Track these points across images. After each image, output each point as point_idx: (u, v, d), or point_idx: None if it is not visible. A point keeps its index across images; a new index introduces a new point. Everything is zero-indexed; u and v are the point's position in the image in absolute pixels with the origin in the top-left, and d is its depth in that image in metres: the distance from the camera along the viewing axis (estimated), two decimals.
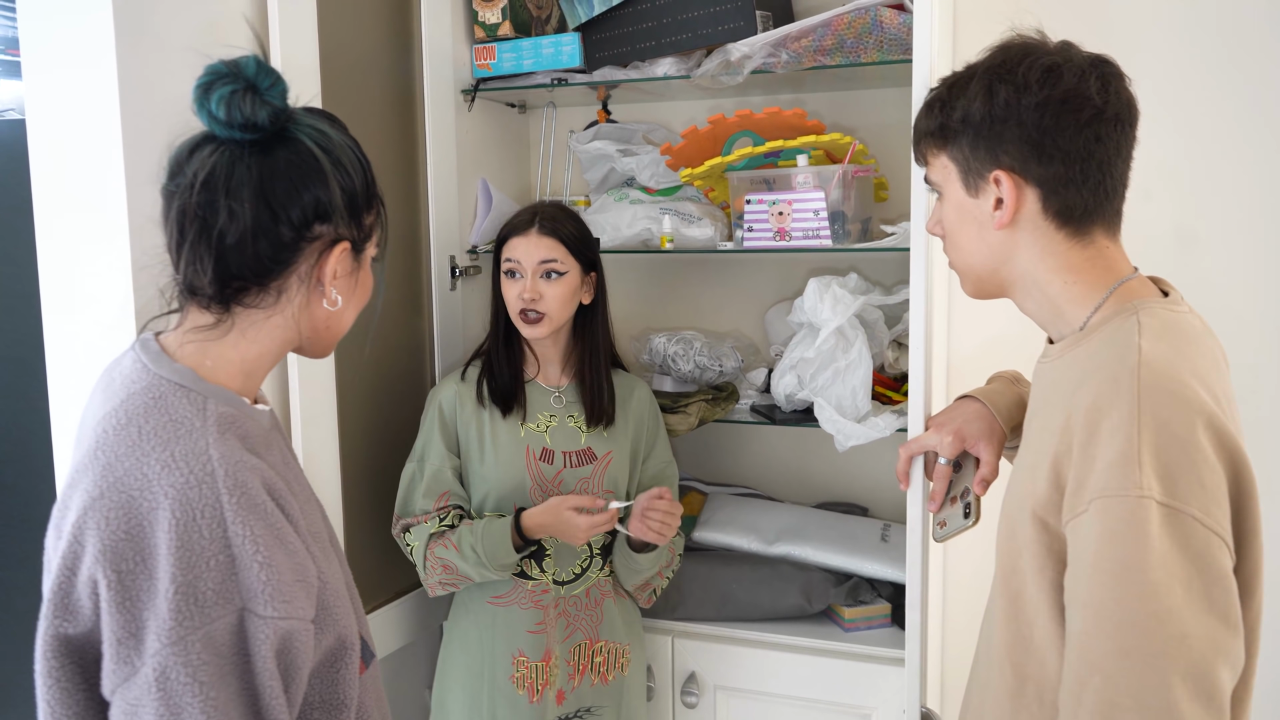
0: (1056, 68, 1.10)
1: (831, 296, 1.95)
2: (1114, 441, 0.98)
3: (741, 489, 2.42)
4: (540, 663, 1.84)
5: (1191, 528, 0.95)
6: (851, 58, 1.91)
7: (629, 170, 2.31)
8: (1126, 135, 1.13)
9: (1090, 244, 1.14)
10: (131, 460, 0.93)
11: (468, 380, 1.91)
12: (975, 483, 1.38)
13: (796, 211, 1.95)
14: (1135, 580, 0.94)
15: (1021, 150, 1.12)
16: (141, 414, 0.96)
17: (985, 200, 1.16)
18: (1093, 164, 1.11)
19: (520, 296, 1.83)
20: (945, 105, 1.17)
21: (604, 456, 1.89)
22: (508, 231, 1.87)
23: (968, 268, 1.23)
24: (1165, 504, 0.95)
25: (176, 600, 0.89)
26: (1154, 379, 1.00)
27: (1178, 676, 0.93)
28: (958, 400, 1.47)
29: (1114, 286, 1.12)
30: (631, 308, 2.44)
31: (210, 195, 0.99)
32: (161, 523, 0.91)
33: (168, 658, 0.88)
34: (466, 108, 2.21)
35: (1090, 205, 1.12)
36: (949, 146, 1.18)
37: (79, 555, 0.92)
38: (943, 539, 1.42)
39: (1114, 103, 1.11)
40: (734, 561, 2.13)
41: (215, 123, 0.99)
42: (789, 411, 2.10)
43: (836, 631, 2.06)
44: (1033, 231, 1.14)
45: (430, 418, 1.89)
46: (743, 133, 2.10)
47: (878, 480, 2.32)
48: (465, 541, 1.78)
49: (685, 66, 2.07)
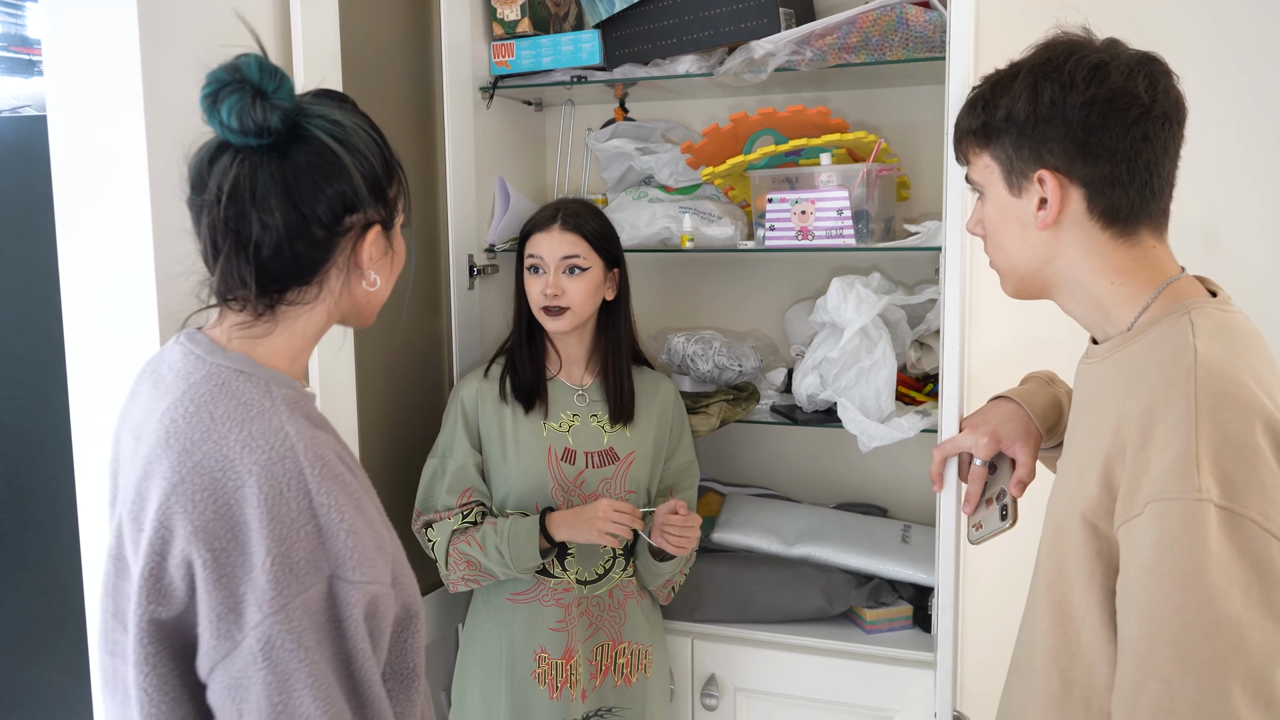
0: (1103, 65, 1.08)
1: (856, 296, 1.94)
2: (1171, 444, 0.96)
3: (759, 489, 2.40)
4: (561, 660, 1.82)
5: (1251, 531, 0.93)
6: (876, 55, 1.89)
7: (647, 169, 2.29)
8: (1174, 134, 1.11)
9: (1137, 244, 1.12)
10: (209, 443, 0.96)
11: (490, 378, 1.90)
12: (1012, 484, 1.36)
13: (820, 210, 1.94)
14: (1193, 585, 0.93)
15: (1067, 149, 1.10)
16: (210, 400, 0.99)
17: (1029, 200, 1.14)
18: (1140, 163, 1.09)
19: (543, 292, 1.82)
20: (988, 104, 1.15)
21: (626, 457, 1.88)
22: (531, 227, 1.86)
23: (1010, 268, 1.21)
24: (1224, 507, 0.93)
25: (274, 570, 0.92)
26: (1211, 380, 0.98)
27: (1236, 682, 0.91)
28: (992, 401, 1.45)
29: (1162, 287, 1.11)
30: (650, 307, 2.42)
31: (239, 208, 1.00)
32: (250, 499, 0.94)
33: (271, 626, 0.91)
34: (485, 105, 2.19)
35: (1137, 205, 1.10)
36: (991, 145, 1.16)
37: (168, 540, 0.94)
38: (979, 541, 1.40)
39: (1162, 101, 1.09)
40: (754, 563, 2.12)
41: (228, 132, 1.00)
42: (810, 412, 2.08)
43: (858, 633, 2.04)
44: (1077, 232, 1.12)
45: (453, 414, 1.88)
46: (764, 131, 2.09)
47: (897, 481, 2.31)
48: (490, 540, 1.76)
49: (707, 64, 2.05)
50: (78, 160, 1.46)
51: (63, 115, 1.46)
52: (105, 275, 1.46)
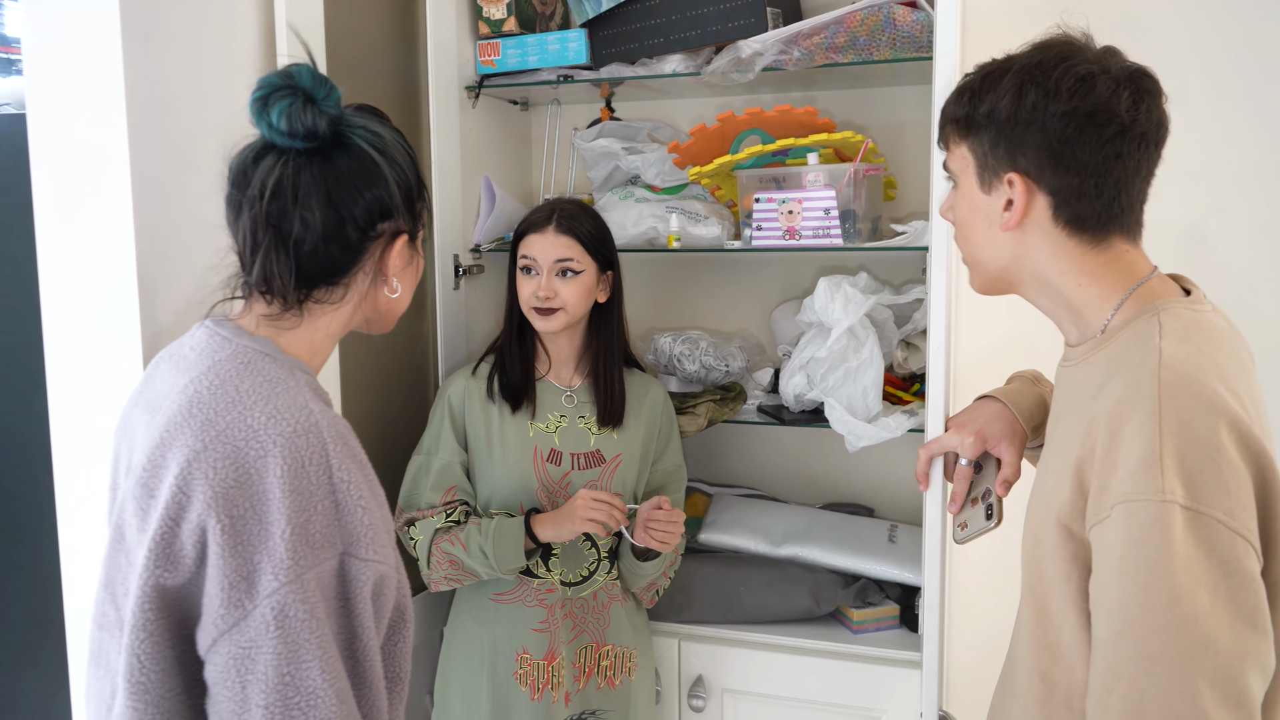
0: (1090, 78, 1.08)
1: (843, 296, 1.93)
2: (1136, 445, 0.97)
3: (746, 490, 2.40)
4: (543, 661, 1.82)
5: (1216, 531, 0.93)
6: (864, 55, 1.89)
7: (634, 168, 2.28)
8: (1149, 155, 1.11)
9: (1107, 249, 1.12)
10: (234, 414, 0.98)
11: (478, 376, 1.89)
12: (997, 484, 1.36)
13: (807, 210, 1.93)
14: (1160, 585, 0.93)
15: (1040, 156, 1.10)
16: (235, 375, 1.01)
17: (997, 199, 1.15)
18: (1109, 180, 1.09)
19: (535, 294, 1.81)
20: (975, 95, 1.15)
21: (613, 459, 1.87)
22: (525, 227, 1.85)
23: (976, 262, 1.22)
24: (1189, 507, 0.93)
25: (293, 540, 0.93)
26: (1175, 381, 0.99)
27: (1205, 682, 0.91)
28: (978, 400, 1.45)
29: (1133, 288, 1.11)
30: (636, 307, 2.40)
31: (281, 205, 1.05)
32: (273, 469, 0.95)
33: (286, 595, 0.92)
34: (470, 105, 2.18)
35: (1104, 217, 1.11)
36: (970, 138, 1.16)
37: (184, 505, 0.95)
38: (964, 540, 1.40)
39: (1142, 121, 1.08)
40: (741, 563, 2.11)
41: (276, 134, 1.04)
42: (797, 412, 2.08)
43: (845, 633, 2.04)
44: (1042, 236, 1.13)
45: (439, 411, 1.87)
46: (751, 130, 2.08)
47: (883, 481, 2.31)
48: (473, 540, 1.76)
49: (694, 64, 2.04)
50: (58, 160, 1.44)
51: (43, 114, 1.44)
52: (86, 276, 1.44)
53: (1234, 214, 2.04)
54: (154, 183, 1.42)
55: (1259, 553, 0.95)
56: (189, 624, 0.96)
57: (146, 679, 0.95)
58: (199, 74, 1.52)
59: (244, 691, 0.92)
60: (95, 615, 1.06)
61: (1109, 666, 0.96)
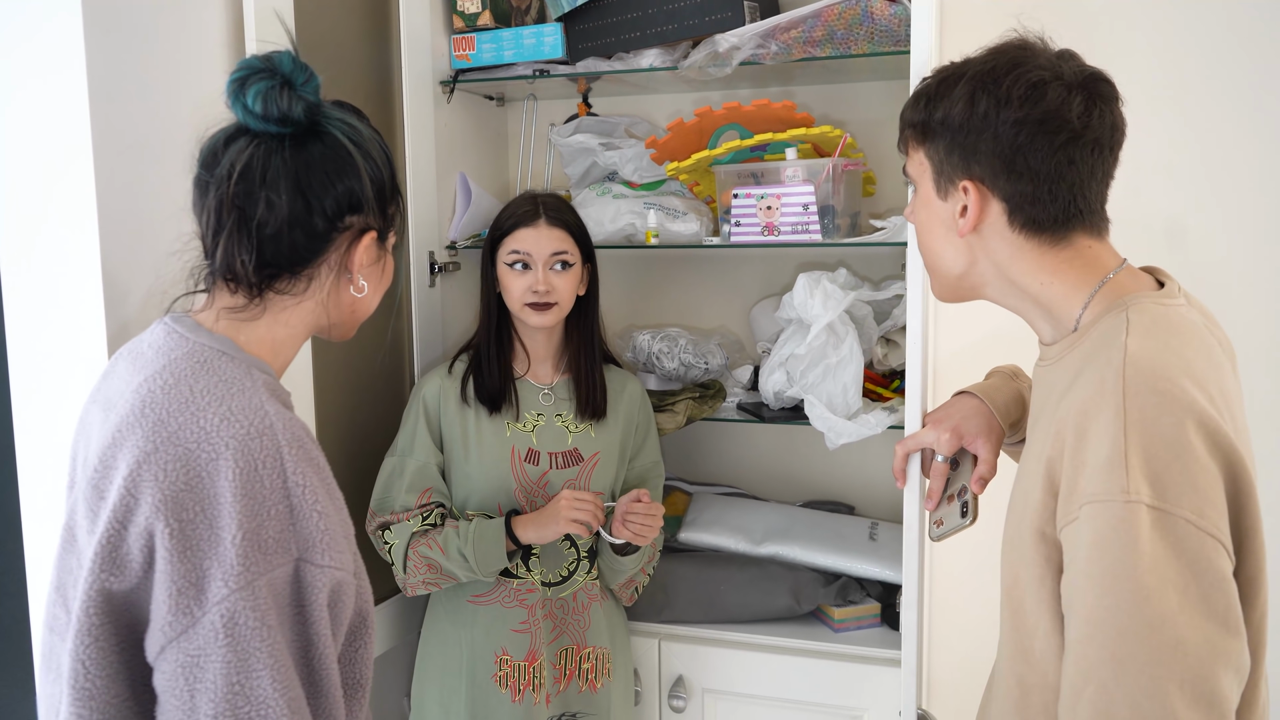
0: (1042, 85, 1.07)
1: (822, 292, 1.92)
2: (1101, 445, 0.96)
3: (726, 488, 2.38)
4: (524, 663, 1.79)
5: (1185, 531, 0.92)
6: (842, 49, 1.88)
7: (611, 164, 2.26)
8: (1104, 159, 1.10)
9: (1067, 245, 1.11)
10: (186, 415, 0.95)
11: (454, 375, 1.86)
12: (973, 481, 1.35)
13: (785, 205, 1.92)
14: (1127, 587, 0.91)
15: (992, 164, 1.10)
16: (190, 374, 0.98)
17: (952, 205, 1.15)
18: (1062, 185, 1.08)
19: (531, 289, 1.78)
20: (930, 101, 1.15)
21: (591, 458, 1.85)
22: (512, 222, 1.82)
23: (934, 268, 1.22)
24: (1155, 507, 0.92)
25: (244, 546, 0.90)
26: (1139, 378, 0.97)
27: (1174, 685, 0.90)
28: (955, 396, 1.44)
29: (1100, 283, 1.10)
30: (614, 305, 2.40)
31: (248, 186, 1.02)
32: (224, 472, 0.93)
33: (236, 602, 0.89)
34: (445, 100, 2.15)
35: (1060, 219, 1.10)
36: (927, 144, 1.17)
37: (132, 509, 0.92)
38: (939, 538, 1.39)
39: (1095, 127, 1.08)
40: (721, 562, 2.10)
41: (250, 116, 1.02)
42: (777, 409, 2.06)
43: (826, 632, 2.03)
44: (999, 240, 1.13)
45: (414, 411, 1.84)
46: (729, 126, 2.06)
47: (864, 478, 2.30)
48: (452, 544, 1.73)
49: (671, 58, 2.02)
50: (20, 151, 1.41)
51: (4, 104, 1.40)
52: (49, 271, 1.41)
53: (1212, 211, 2.04)
54: (118, 174, 1.39)
55: (1230, 551, 0.94)
56: (137, 629, 0.94)
57: (92, 685, 0.93)
58: (165, 64, 1.49)
59: (192, 700, 0.89)
60: (46, 618, 1.03)
61: (1078, 669, 0.95)
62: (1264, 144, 2.00)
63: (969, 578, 2.08)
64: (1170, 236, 2.06)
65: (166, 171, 1.50)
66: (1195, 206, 2.04)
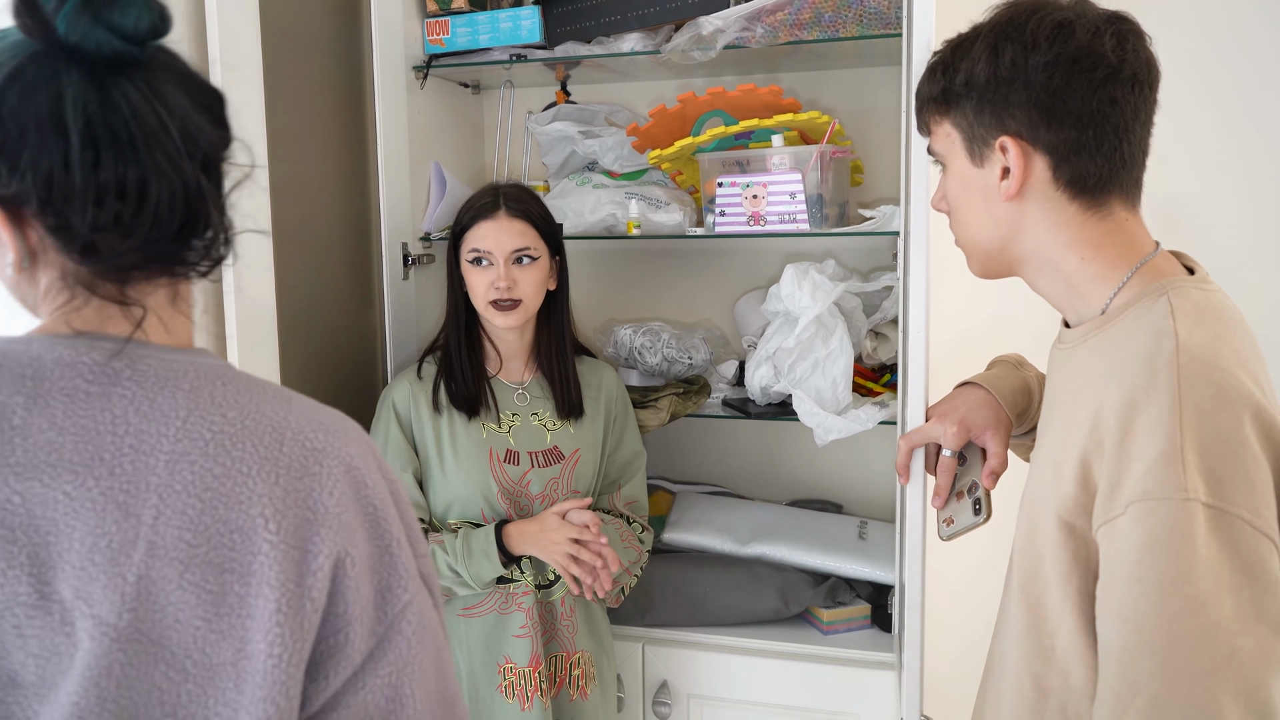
0: (1068, 24, 1.01)
1: (811, 283, 1.86)
2: (1154, 439, 0.89)
3: (710, 487, 2.32)
4: (529, 669, 1.71)
5: (1240, 531, 0.86)
6: (830, 32, 1.82)
7: (591, 153, 2.20)
8: (1145, 98, 1.04)
9: (1108, 216, 1.05)
10: None
11: (424, 379, 1.78)
12: (984, 476, 1.29)
13: (772, 194, 1.86)
14: (1181, 592, 0.86)
15: (1029, 114, 1.03)
16: None
17: (991, 170, 1.07)
18: (1107, 128, 1.02)
19: (493, 285, 1.70)
20: (948, 68, 1.09)
21: (572, 455, 1.78)
22: (472, 216, 1.74)
23: (974, 244, 1.14)
24: (1212, 505, 0.86)
25: (405, 545, 0.86)
26: (1195, 369, 0.91)
27: (1229, 695, 0.85)
28: (958, 387, 1.37)
29: (1137, 265, 1.04)
30: (595, 298, 2.33)
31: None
32: None
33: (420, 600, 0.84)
34: (419, 86, 2.08)
35: (1106, 173, 1.03)
36: (952, 112, 1.09)
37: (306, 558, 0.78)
38: (950, 537, 1.32)
39: (1131, 61, 1.02)
40: (706, 563, 2.04)
41: None
42: (763, 405, 2.00)
43: (815, 635, 1.98)
44: (1044, 203, 1.06)
45: (384, 420, 1.76)
46: (714, 112, 2.00)
47: (853, 475, 2.24)
48: (440, 559, 1.66)
49: (653, 42, 1.96)
50: None
51: None
52: None
53: (1206, 202, 2.00)
54: None
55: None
56: None
57: None
58: None
59: None
60: None
61: (1124, 680, 0.89)
62: (1256, 135, 1.96)
63: (962, 576, 2.02)
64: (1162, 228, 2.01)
65: None
66: (1183, 199, 1.99)
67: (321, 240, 1.83)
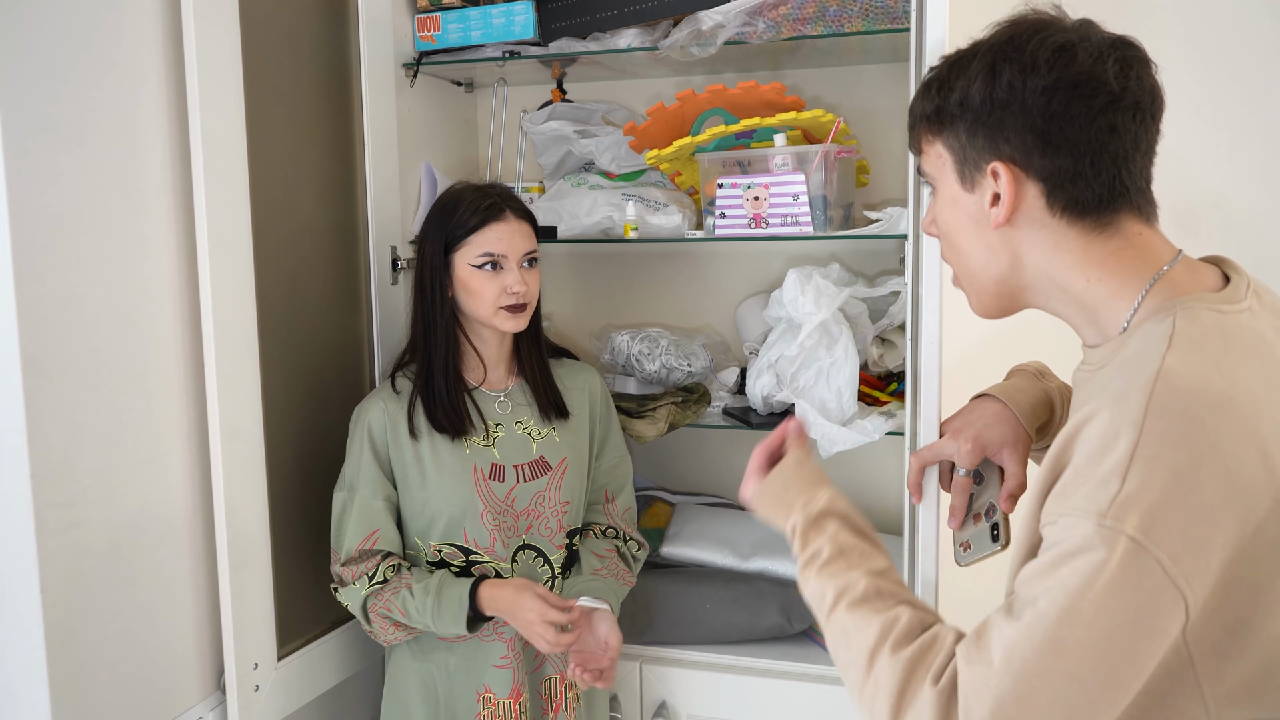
0: (1070, 46, 0.95)
1: (814, 289, 1.79)
2: (1105, 458, 0.84)
3: (711, 498, 2.25)
4: (509, 700, 1.64)
5: (1152, 573, 0.81)
6: (834, 27, 1.76)
7: (587, 153, 2.13)
8: (1147, 127, 0.97)
9: (1115, 234, 0.98)
10: None
11: (400, 394, 1.70)
12: (1002, 499, 1.21)
13: (774, 196, 1.80)
14: (1069, 619, 0.83)
15: (1024, 140, 0.97)
16: None
17: (982, 196, 1.01)
18: (1105, 157, 0.95)
19: (508, 291, 1.64)
20: (944, 86, 1.02)
21: (559, 465, 1.71)
22: (479, 220, 1.65)
23: (971, 276, 1.07)
24: (1135, 540, 0.82)
25: None
26: (1169, 398, 0.85)
27: (1062, 710, 0.83)
28: (974, 400, 1.29)
29: (1154, 279, 0.96)
30: (592, 303, 2.27)
31: None
32: None
33: None
34: (408, 84, 2.02)
35: (1105, 198, 0.97)
36: (944, 133, 1.03)
37: None
38: (967, 563, 1.24)
39: (1134, 89, 0.96)
40: (706, 579, 1.97)
41: None
42: (765, 414, 1.94)
43: (819, 653, 1.91)
44: (1039, 230, 0.99)
45: (358, 441, 1.68)
46: (714, 110, 1.93)
47: (858, 487, 2.17)
48: (410, 606, 1.60)
49: (651, 38, 1.90)
50: None
51: None
52: None
53: (1225, 204, 1.93)
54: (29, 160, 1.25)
55: (1190, 608, 0.83)
56: None
57: None
58: (82, 35, 1.34)
59: None
60: None
61: (1003, 656, 0.86)
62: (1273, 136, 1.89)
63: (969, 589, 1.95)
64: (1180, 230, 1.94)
65: (93, 160, 1.36)
66: (1201, 201, 1.92)
67: (305, 244, 1.76)
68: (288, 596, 1.68)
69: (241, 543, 1.56)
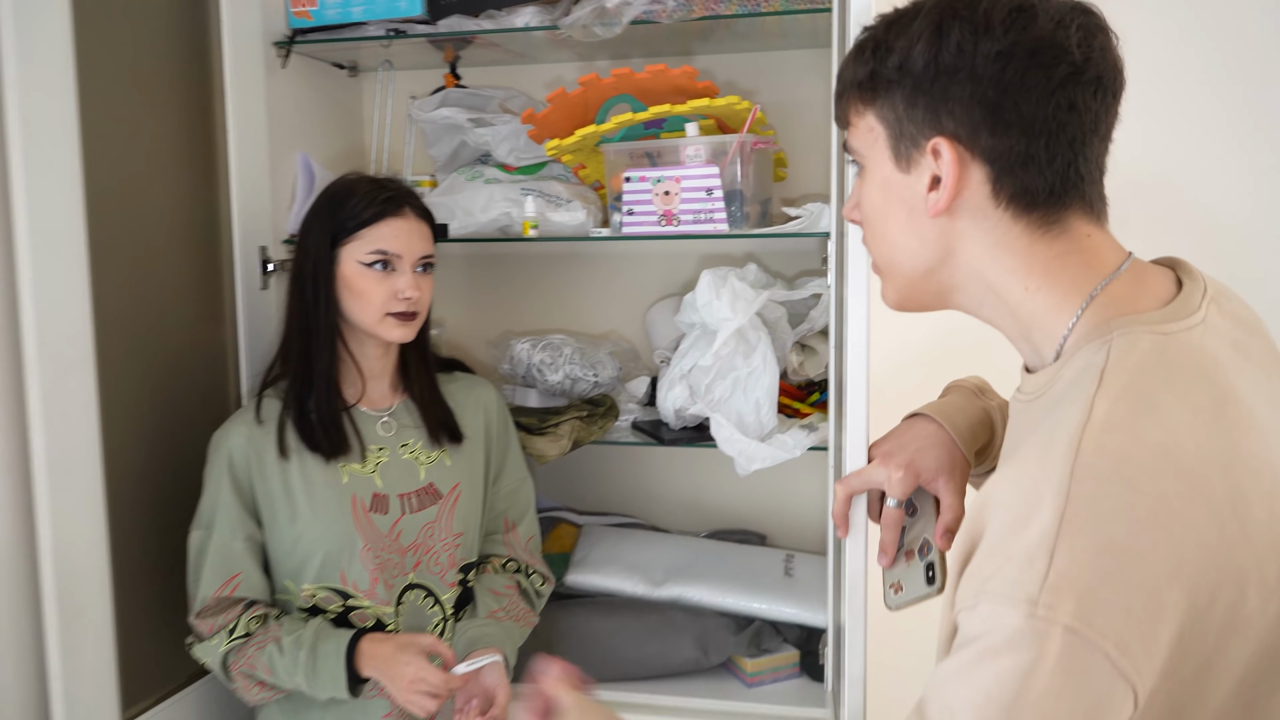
0: (1029, 7, 0.82)
1: (730, 292, 1.65)
2: (1027, 531, 0.71)
3: (620, 518, 2.10)
4: None
5: (1097, 666, 0.68)
6: (751, 7, 1.63)
7: (483, 144, 1.96)
8: (1108, 107, 0.84)
9: (1062, 234, 0.84)
10: None
11: (264, 421, 1.50)
12: (937, 535, 1.07)
13: (686, 190, 1.66)
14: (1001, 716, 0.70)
15: (971, 113, 0.82)
16: None
17: (918, 178, 0.86)
18: (1062, 139, 0.82)
19: (400, 295, 1.46)
20: (879, 47, 0.87)
21: (450, 492, 1.53)
22: (374, 213, 1.47)
23: (893, 266, 0.92)
24: (1073, 630, 0.68)
25: None
26: (1097, 458, 0.72)
27: None
28: (906, 420, 1.15)
29: (1093, 292, 0.83)
30: (488, 308, 2.11)
31: None
32: None
33: None
34: (280, 65, 1.81)
35: (1058, 188, 0.83)
36: (878, 102, 0.87)
37: None
38: (898, 607, 1.10)
39: (1097, 61, 0.82)
40: (615, 610, 1.83)
41: None
42: (678, 429, 1.79)
43: (738, 687, 1.79)
44: (981, 222, 0.85)
45: (216, 473, 1.48)
46: (620, 97, 1.78)
47: (777, 503, 2.05)
48: (278, 665, 1.41)
49: (551, 16, 1.73)
50: None
51: None
52: None
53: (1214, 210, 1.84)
54: None
55: (1139, 699, 0.70)
56: None
57: None
58: None
59: None
60: None
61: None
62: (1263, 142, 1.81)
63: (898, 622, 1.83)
64: None
65: None
66: (1191, 206, 1.83)
67: (156, 247, 1.56)
68: (135, 650, 1.47)
69: (74, 593, 1.35)
